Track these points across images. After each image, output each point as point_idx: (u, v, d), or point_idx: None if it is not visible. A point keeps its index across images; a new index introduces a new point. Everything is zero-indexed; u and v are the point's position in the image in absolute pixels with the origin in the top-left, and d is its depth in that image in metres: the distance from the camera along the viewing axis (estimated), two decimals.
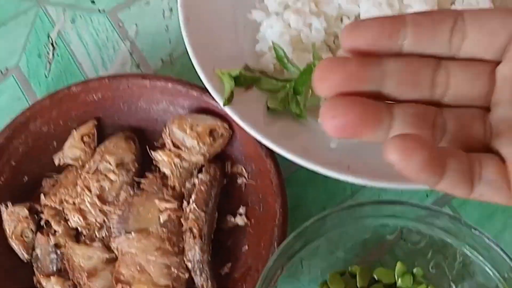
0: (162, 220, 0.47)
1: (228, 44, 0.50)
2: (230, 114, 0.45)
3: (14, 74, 0.61)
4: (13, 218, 0.49)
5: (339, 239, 0.44)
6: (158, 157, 0.49)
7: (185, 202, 0.48)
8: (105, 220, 0.48)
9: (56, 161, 0.52)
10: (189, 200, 0.47)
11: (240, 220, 0.49)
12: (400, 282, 0.44)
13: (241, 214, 0.49)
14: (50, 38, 0.62)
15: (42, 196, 0.50)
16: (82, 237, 0.49)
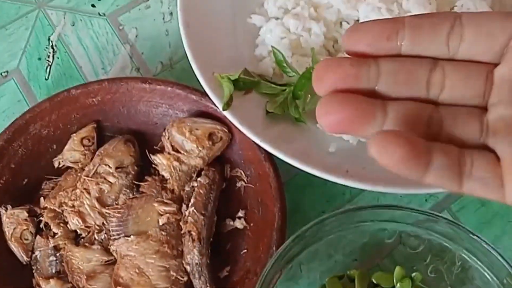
0: (161, 223, 0.47)
1: (227, 48, 0.51)
2: (229, 118, 0.45)
3: (14, 76, 0.61)
4: (12, 220, 0.49)
5: (338, 243, 0.44)
6: (158, 160, 0.49)
7: (184, 206, 0.48)
8: (104, 222, 0.48)
9: (55, 163, 0.52)
10: (188, 203, 0.47)
11: (239, 223, 0.49)
12: (398, 286, 0.44)
13: (240, 218, 0.49)
14: (51, 41, 0.62)
15: (42, 198, 0.50)
16: (81, 239, 0.49)
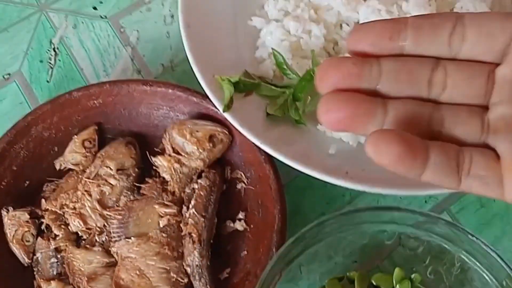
0: (161, 225, 0.47)
1: (228, 50, 0.51)
2: (230, 120, 0.45)
3: (16, 79, 0.61)
4: (14, 222, 0.49)
5: (338, 245, 0.44)
6: (158, 162, 0.49)
7: (184, 207, 0.48)
8: (105, 224, 0.48)
9: (57, 166, 0.52)
10: (188, 205, 0.48)
11: (239, 225, 0.49)
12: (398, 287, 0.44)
13: (240, 220, 0.49)
14: (52, 44, 0.62)
15: (43, 200, 0.51)
16: (82, 241, 0.49)
